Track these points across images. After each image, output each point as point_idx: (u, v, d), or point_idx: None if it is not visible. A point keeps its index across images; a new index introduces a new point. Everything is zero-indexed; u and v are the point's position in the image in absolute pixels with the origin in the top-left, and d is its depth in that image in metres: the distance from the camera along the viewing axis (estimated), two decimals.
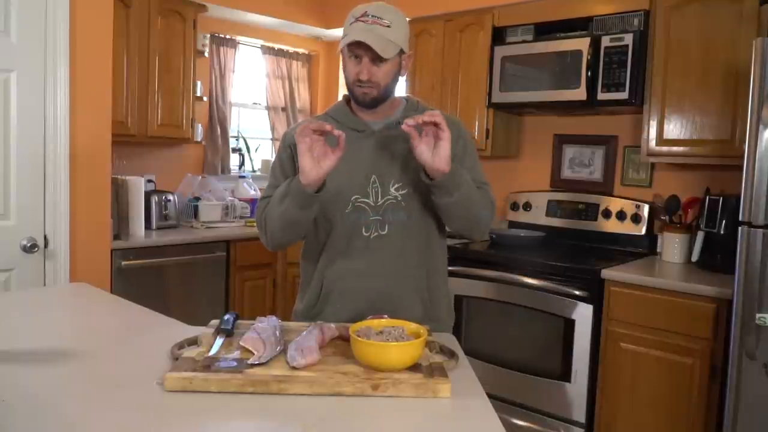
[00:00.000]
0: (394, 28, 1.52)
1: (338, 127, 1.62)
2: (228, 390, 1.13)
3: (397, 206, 1.59)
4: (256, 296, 3.78)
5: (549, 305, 2.78)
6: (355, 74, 1.55)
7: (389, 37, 1.51)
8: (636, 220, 3.14)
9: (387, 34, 1.51)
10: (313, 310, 1.66)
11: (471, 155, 1.70)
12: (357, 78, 1.54)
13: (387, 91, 1.59)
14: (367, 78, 1.53)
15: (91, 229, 2.72)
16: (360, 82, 1.54)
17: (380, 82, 1.55)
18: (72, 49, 2.58)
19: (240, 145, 4.46)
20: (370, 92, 1.56)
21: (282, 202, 1.51)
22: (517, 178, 3.69)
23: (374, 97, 1.57)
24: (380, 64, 1.53)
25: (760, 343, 2.17)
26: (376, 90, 1.56)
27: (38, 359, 1.31)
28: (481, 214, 1.61)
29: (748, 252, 2.19)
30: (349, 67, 1.56)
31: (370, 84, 1.54)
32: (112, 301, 1.92)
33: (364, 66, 1.53)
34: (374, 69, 1.53)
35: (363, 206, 1.59)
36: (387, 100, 1.62)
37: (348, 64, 1.57)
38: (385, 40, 1.50)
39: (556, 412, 2.77)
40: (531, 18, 3.23)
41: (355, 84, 1.56)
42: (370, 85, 1.54)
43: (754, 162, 2.19)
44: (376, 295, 1.59)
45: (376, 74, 1.54)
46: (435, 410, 1.10)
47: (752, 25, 2.56)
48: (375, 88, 1.55)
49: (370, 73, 1.53)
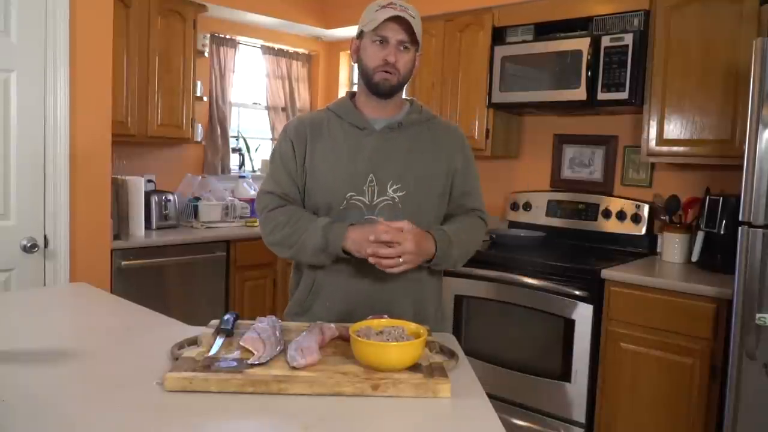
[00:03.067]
0: (417, 21, 1.58)
1: (340, 122, 1.64)
2: (228, 390, 1.13)
3: (394, 207, 1.58)
4: (256, 296, 3.78)
5: (549, 305, 2.78)
6: (381, 57, 1.57)
7: (416, 27, 1.57)
8: (636, 220, 3.14)
9: (413, 24, 1.56)
10: (303, 305, 1.65)
11: (470, 170, 1.72)
12: (384, 60, 1.56)
13: (403, 83, 1.62)
14: (394, 61, 1.56)
15: (91, 229, 2.72)
16: (386, 64, 1.56)
17: (401, 70, 1.59)
18: (72, 49, 2.58)
19: (240, 145, 4.46)
20: (391, 78, 1.58)
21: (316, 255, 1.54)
22: (517, 178, 3.69)
23: (393, 85, 1.59)
24: (404, 52, 1.58)
25: (760, 343, 2.17)
26: (396, 77, 1.58)
27: (38, 359, 1.31)
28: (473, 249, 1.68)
29: (748, 252, 2.19)
30: (373, 51, 1.58)
31: (394, 69, 1.57)
32: (112, 301, 1.92)
33: (392, 48, 1.56)
34: (399, 54, 1.57)
35: (357, 204, 1.59)
36: (398, 95, 1.64)
37: (371, 49, 1.58)
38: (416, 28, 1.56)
39: (556, 412, 2.77)
40: (531, 18, 3.23)
41: (378, 69, 1.58)
42: (393, 70, 1.57)
43: (754, 162, 2.19)
44: (366, 295, 1.59)
45: (400, 60, 1.57)
46: (435, 410, 1.10)
47: (752, 25, 2.56)
48: (396, 76, 1.58)
49: (397, 57, 1.56)
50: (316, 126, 1.65)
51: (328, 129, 1.64)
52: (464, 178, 1.69)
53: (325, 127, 1.64)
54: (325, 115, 1.68)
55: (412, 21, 1.55)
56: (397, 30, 1.55)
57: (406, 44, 1.57)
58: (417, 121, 1.67)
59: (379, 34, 1.56)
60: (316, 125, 1.65)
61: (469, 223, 1.67)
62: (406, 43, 1.57)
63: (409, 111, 1.68)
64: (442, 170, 1.65)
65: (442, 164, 1.65)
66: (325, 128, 1.64)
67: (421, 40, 1.62)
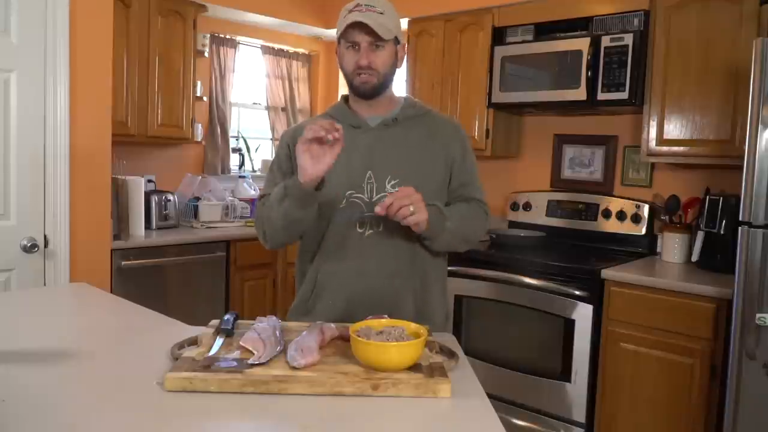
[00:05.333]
0: (387, 15, 1.56)
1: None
2: (228, 390, 1.13)
3: None
4: (256, 296, 3.78)
5: (549, 305, 2.78)
6: (354, 62, 1.57)
7: (383, 22, 1.54)
8: (636, 220, 3.14)
9: (381, 20, 1.54)
10: (306, 305, 1.65)
11: (468, 161, 1.72)
12: (357, 65, 1.56)
13: (386, 81, 1.61)
14: (367, 63, 1.55)
15: (91, 229, 2.73)
16: (360, 68, 1.56)
17: (379, 69, 1.57)
18: (72, 49, 2.58)
19: (240, 145, 4.46)
20: (370, 80, 1.58)
21: (281, 203, 1.51)
22: (517, 178, 3.69)
23: (374, 85, 1.59)
24: (378, 51, 1.56)
25: (760, 343, 2.17)
26: (375, 78, 1.58)
27: (38, 359, 1.31)
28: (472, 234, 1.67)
29: (748, 252, 2.19)
30: (348, 58, 1.58)
31: (369, 70, 1.56)
32: (112, 301, 1.92)
33: (363, 52, 1.56)
34: (372, 55, 1.56)
35: (357, 201, 1.59)
36: (386, 92, 1.64)
37: (346, 56, 1.59)
38: (381, 24, 1.53)
39: (556, 412, 2.77)
40: (531, 18, 3.23)
41: (354, 73, 1.58)
42: (370, 72, 1.56)
43: (754, 162, 2.19)
44: (369, 292, 1.59)
45: (374, 60, 1.56)
46: (435, 410, 1.10)
47: (752, 25, 2.56)
48: (374, 76, 1.57)
49: (368, 58, 1.56)
50: None
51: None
52: (462, 168, 1.69)
53: None
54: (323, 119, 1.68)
55: (376, 21, 1.52)
56: (364, 32, 1.54)
57: (377, 43, 1.56)
58: (412, 115, 1.68)
59: (349, 40, 1.56)
60: None
61: (467, 208, 1.66)
62: (378, 42, 1.56)
63: (403, 106, 1.68)
64: (440, 161, 1.66)
65: (439, 155, 1.66)
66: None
67: (399, 32, 1.61)
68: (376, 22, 1.52)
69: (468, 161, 1.71)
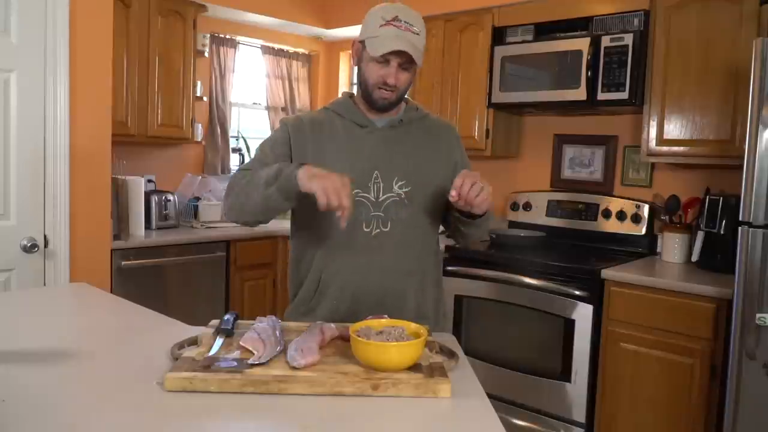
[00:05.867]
0: (421, 37, 1.56)
1: (341, 121, 1.64)
2: (228, 390, 1.13)
3: (400, 204, 1.60)
4: (256, 296, 3.78)
5: (549, 305, 2.78)
6: (381, 77, 1.56)
7: (419, 46, 1.54)
8: (636, 220, 3.14)
9: (417, 43, 1.54)
10: (309, 304, 1.64)
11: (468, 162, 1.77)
12: (384, 81, 1.55)
13: (401, 97, 1.63)
14: (394, 83, 1.56)
15: (91, 229, 2.73)
16: (386, 85, 1.56)
17: (401, 87, 1.59)
18: (72, 48, 2.58)
19: (240, 145, 4.46)
20: (390, 97, 1.58)
21: (267, 187, 1.47)
22: (517, 178, 3.69)
23: (392, 102, 1.60)
24: (405, 72, 1.57)
25: (760, 343, 2.17)
26: (395, 95, 1.59)
27: (38, 359, 1.31)
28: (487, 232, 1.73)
29: (748, 252, 2.20)
30: (374, 69, 1.57)
31: (394, 88, 1.57)
32: (112, 301, 1.92)
33: (392, 70, 1.55)
34: (401, 75, 1.56)
35: (363, 201, 1.59)
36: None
37: (372, 66, 1.57)
38: (418, 50, 1.54)
39: (556, 412, 2.77)
40: (531, 18, 3.23)
41: (377, 87, 1.57)
42: (393, 89, 1.57)
43: (754, 162, 2.19)
44: (374, 292, 1.59)
45: (400, 79, 1.57)
46: (435, 410, 1.10)
47: (752, 25, 2.56)
48: (395, 94, 1.58)
49: (397, 79, 1.56)
50: (317, 124, 1.65)
51: (330, 127, 1.64)
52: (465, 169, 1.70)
53: (327, 125, 1.65)
54: (325, 114, 1.68)
55: (414, 46, 1.52)
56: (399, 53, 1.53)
57: (406, 65, 1.56)
58: (415, 118, 1.70)
59: (385, 56, 1.54)
60: (317, 123, 1.65)
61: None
62: (407, 64, 1.56)
63: (407, 109, 1.69)
64: (444, 163, 1.68)
65: (441, 157, 1.68)
66: (326, 127, 1.64)
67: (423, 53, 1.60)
68: (414, 47, 1.52)
69: (467, 162, 1.76)
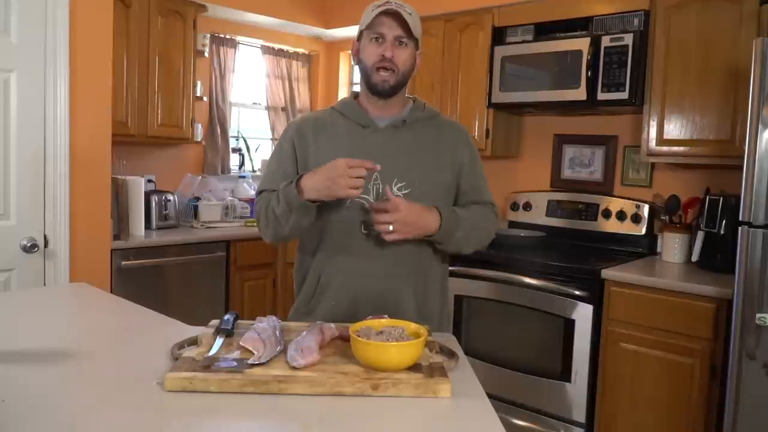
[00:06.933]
0: (414, 18, 1.57)
1: (344, 121, 1.65)
2: (228, 390, 1.13)
3: None
4: (256, 296, 3.78)
5: (549, 305, 2.78)
6: (378, 53, 1.56)
7: (411, 22, 1.56)
8: (636, 220, 3.14)
9: (409, 19, 1.55)
10: (308, 305, 1.65)
11: (477, 165, 1.74)
12: (381, 56, 1.56)
13: (403, 81, 1.61)
14: (391, 55, 1.56)
15: (91, 229, 2.72)
16: (383, 60, 1.56)
17: (399, 66, 1.58)
18: (72, 49, 2.58)
19: (240, 145, 4.46)
20: (390, 79, 1.58)
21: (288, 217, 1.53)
22: (517, 178, 3.69)
23: (392, 85, 1.59)
24: (402, 48, 1.57)
25: (760, 343, 2.17)
26: (394, 76, 1.58)
27: (38, 359, 1.31)
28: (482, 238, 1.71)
29: (748, 252, 2.19)
30: (370, 50, 1.58)
31: (391, 65, 1.56)
32: (112, 301, 1.92)
33: (388, 44, 1.56)
34: (397, 50, 1.57)
35: (363, 203, 1.59)
36: (400, 93, 1.64)
37: (368, 48, 1.58)
38: (411, 17, 1.56)
39: (556, 412, 2.77)
40: (531, 18, 3.23)
41: (375, 67, 1.57)
42: (392, 67, 1.56)
43: (754, 162, 2.19)
44: (373, 293, 1.59)
45: (398, 56, 1.57)
46: (435, 410, 1.10)
47: (752, 25, 2.56)
48: (394, 75, 1.58)
49: (393, 51, 1.56)
50: (320, 124, 1.66)
51: (332, 127, 1.65)
52: (472, 172, 1.70)
53: (329, 125, 1.65)
54: (329, 114, 1.69)
55: (407, 17, 1.55)
56: (392, 26, 1.55)
57: (402, 39, 1.57)
58: (421, 118, 1.68)
59: (376, 32, 1.57)
60: (319, 123, 1.66)
61: (480, 211, 1.68)
62: (403, 38, 1.57)
63: (412, 109, 1.68)
64: (448, 165, 1.66)
65: (447, 159, 1.66)
66: (329, 126, 1.65)
67: (420, 38, 1.62)
68: (405, 12, 1.55)
69: (477, 165, 1.73)
